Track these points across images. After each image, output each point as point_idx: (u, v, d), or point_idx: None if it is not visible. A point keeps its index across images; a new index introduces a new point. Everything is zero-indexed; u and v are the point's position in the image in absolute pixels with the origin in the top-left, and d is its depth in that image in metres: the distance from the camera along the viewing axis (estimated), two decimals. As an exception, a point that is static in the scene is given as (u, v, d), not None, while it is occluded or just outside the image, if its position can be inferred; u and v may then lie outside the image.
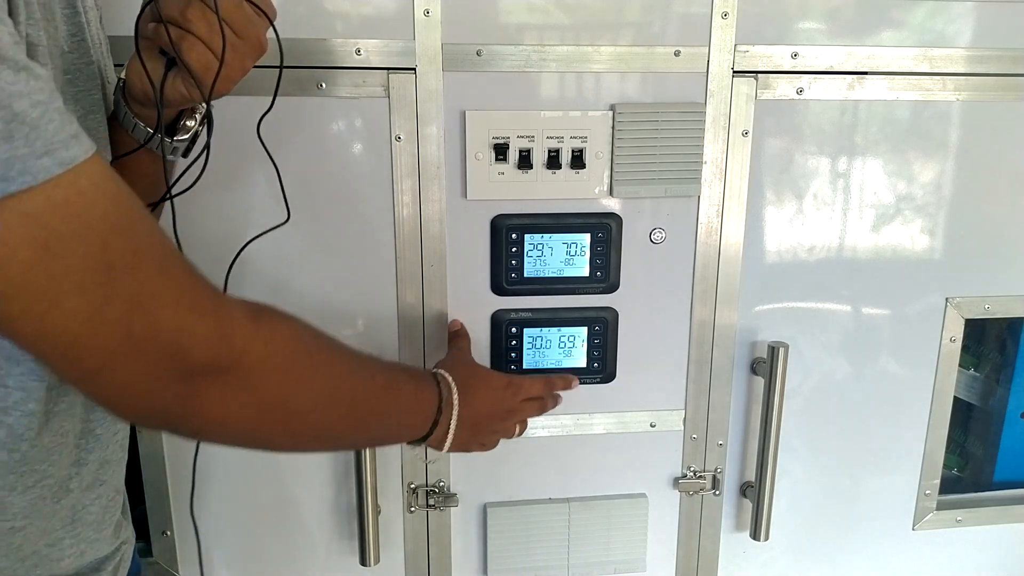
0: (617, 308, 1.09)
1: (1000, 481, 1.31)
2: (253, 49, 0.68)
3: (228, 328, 0.57)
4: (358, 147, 1.01)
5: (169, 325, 0.53)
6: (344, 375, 0.69)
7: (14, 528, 0.63)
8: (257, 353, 0.59)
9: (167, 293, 0.53)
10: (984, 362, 1.29)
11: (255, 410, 0.61)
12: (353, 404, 0.70)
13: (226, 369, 0.57)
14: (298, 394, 0.63)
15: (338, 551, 1.15)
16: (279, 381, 0.61)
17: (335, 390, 0.68)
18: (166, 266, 0.54)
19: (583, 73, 1.01)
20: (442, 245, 1.04)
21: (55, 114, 0.48)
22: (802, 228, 1.11)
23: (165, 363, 0.54)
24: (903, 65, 1.06)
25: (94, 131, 0.66)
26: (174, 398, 0.56)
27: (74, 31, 0.64)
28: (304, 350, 0.64)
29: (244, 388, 0.59)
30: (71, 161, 0.48)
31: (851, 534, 1.26)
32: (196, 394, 0.56)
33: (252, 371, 0.59)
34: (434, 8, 0.96)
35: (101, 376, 0.53)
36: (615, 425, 1.15)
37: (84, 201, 0.49)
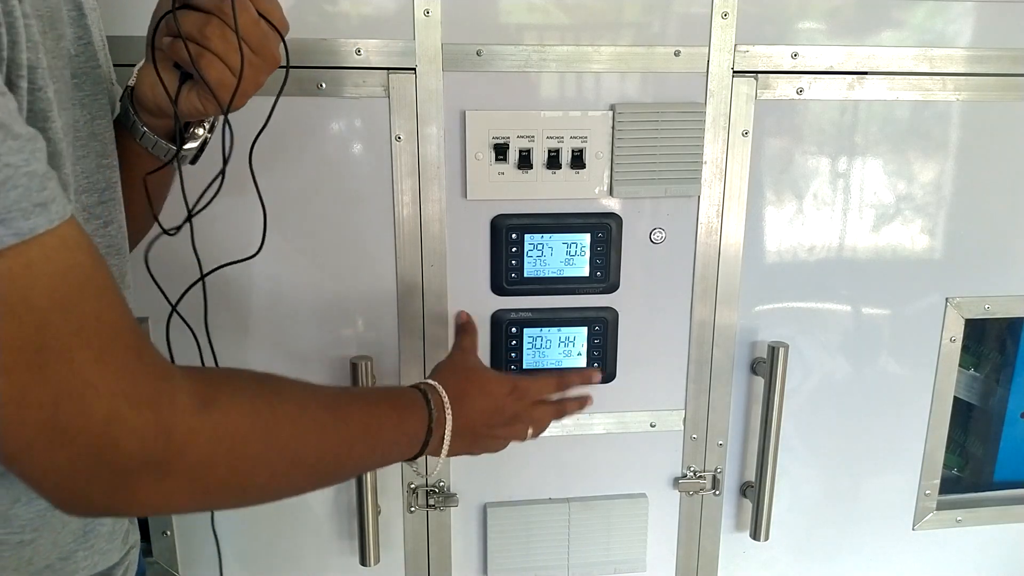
0: (617, 308, 1.09)
1: (1000, 481, 1.31)
2: (268, 64, 0.68)
3: (169, 420, 0.52)
4: (358, 147, 1.01)
5: (100, 417, 0.49)
6: (309, 435, 0.64)
7: (23, 541, 0.62)
8: (201, 445, 0.54)
9: (103, 382, 0.49)
10: (984, 362, 1.29)
11: (201, 494, 0.56)
12: (319, 460, 0.66)
13: (163, 463, 0.52)
14: (253, 472, 0.59)
15: (338, 551, 1.15)
16: (229, 466, 0.57)
17: (297, 454, 0.63)
18: (109, 351, 0.50)
19: (583, 73, 1.01)
20: (442, 245, 1.04)
21: (23, 179, 0.45)
22: (802, 228, 1.11)
23: (92, 456, 0.49)
24: (903, 65, 1.06)
25: (101, 136, 0.66)
26: (103, 490, 0.51)
27: (80, 34, 0.63)
28: (261, 426, 0.59)
29: (185, 479, 0.54)
30: (29, 232, 0.45)
31: (851, 534, 1.26)
32: (128, 487, 0.52)
33: (195, 463, 0.54)
34: (434, 8, 0.96)
35: (21, 462, 0.49)
36: (615, 425, 1.15)
37: (29, 275, 0.46)
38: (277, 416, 0.61)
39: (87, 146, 0.63)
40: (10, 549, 0.61)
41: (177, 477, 0.53)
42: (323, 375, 1.07)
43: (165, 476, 0.53)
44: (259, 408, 0.60)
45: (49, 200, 0.47)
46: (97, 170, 0.65)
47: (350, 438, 0.69)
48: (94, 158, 0.64)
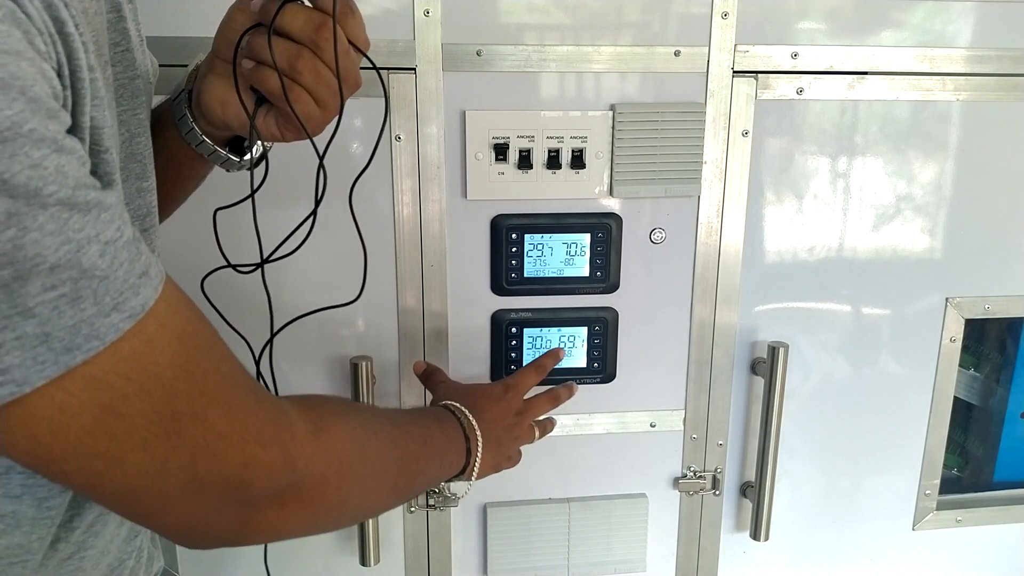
0: (617, 308, 1.09)
1: (1000, 481, 1.31)
2: (350, 90, 0.66)
3: (292, 451, 0.54)
4: (358, 147, 1.01)
5: (235, 464, 0.50)
6: (390, 451, 0.67)
7: None
8: (318, 468, 0.56)
9: (234, 431, 0.50)
10: (984, 362, 1.29)
11: (311, 518, 0.58)
12: (399, 476, 0.69)
13: (287, 490, 0.54)
14: (352, 490, 0.61)
15: (338, 551, 1.15)
16: (337, 488, 0.59)
17: (384, 471, 0.66)
18: (234, 400, 0.51)
19: (583, 73, 1.01)
20: (442, 245, 1.04)
21: (124, 253, 0.43)
22: (802, 228, 1.11)
23: (228, 499, 0.51)
24: (903, 65, 1.06)
25: (140, 156, 0.60)
26: (231, 525, 0.53)
27: (118, 40, 0.57)
28: (359, 445, 0.62)
29: (302, 502, 0.56)
30: (141, 309, 0.44)
31: (851, 534, 1.26)
32: (253, 518, 0.54)
33: (311, 485, 0.56)
34: (434, 8, 0.96)
35: (158, 516, 0.50)
36: (615, 425, 1.15)
37: (151, 351, 0.45)
38: (368, 435, 0.64)
39: (127, 168, 0.58)
40: None
41: (296, 503, 0.55)
42: (323, 375, 1.07)
43: (286, 502, 0.54)
44: (356, 430, 0.62)
45: (148, 266, 0.45)
46: (137, 195, 0.60)
47: (416, 450, 0.71)
48: (134, 181, 0.59)
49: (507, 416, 0.89)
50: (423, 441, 0.73)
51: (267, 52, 0.61)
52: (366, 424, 0.65)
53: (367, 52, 0.68)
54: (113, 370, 0.43)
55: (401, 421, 0.73)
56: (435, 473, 0.79)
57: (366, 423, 0.65)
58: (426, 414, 0.82)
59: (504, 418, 0.88)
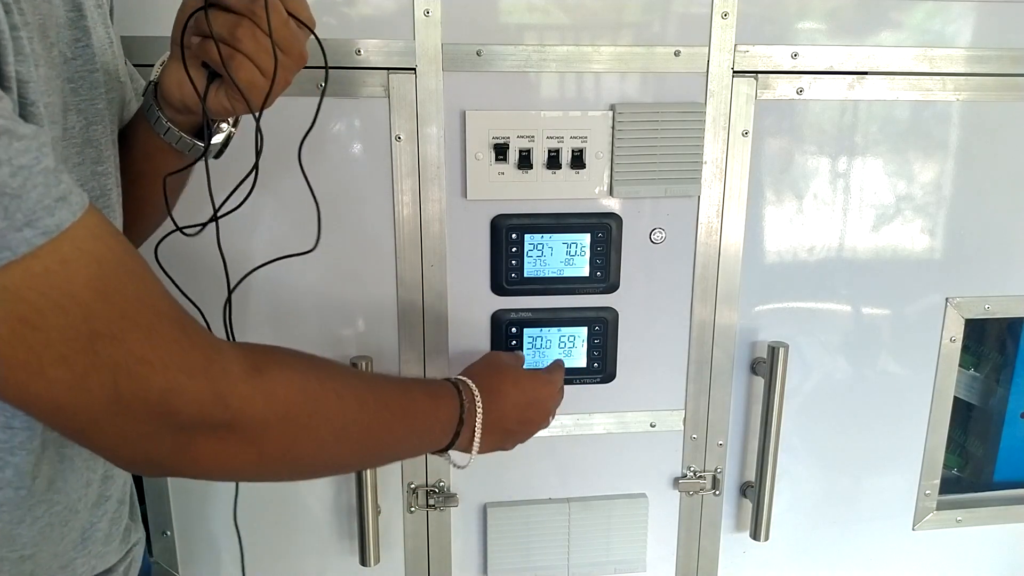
0: (617, 308, 1.09)
1: (1000, 481, 1.31)
2: (296, 63, 0.68)
3: (223, 386, 0.55)
4: (358, 147, 1.01)
5: (158, 388, 0.52)
6: (353, 410, 0.67)
7: (23, 556, 0.63)
8: (256, 411, 0.57)
9: (156, 356, 0.51)
10: (984, 362, 1.29)
11: (256, 460, 0.59)
12: (364, 437, 0.68)
13: (221, 426, 0.55)
14: (303, 442, 0.62)
15: (338, 551, 1.15)
16: (282, 434, 0.59)
17: (344, 430, 0.66)
18: (157, 327, 0.52)
19: (583, 73, 1.01)
20: (442, 245, 1.04)
21: (40, 177, 0.46)
22: (802, 228, 1.11)
23: (155, 422, 0.52)
24: (903, 65, 1.06)
25: (96, 142, 0.65)
26: (168, 451, 0.55)
27: (79, 36, 0.63)
28: (310, 399, 0.62)
29: (243, 443, 0.57)
30: (56, 228, 0.46)
31: (851, 534, 1.26)
32: (191, 446, 0.55)
33: (251, 428, 0.57)
34: (434, 8, 0.96)
35: (90, 433, 0.52)
36: (615, 425, 1.15)
37: (66, 271, 0.47)
38: (324, 389, 0.64)
39: (82, 152, 0.63)
40: (11, 564, 0.62)
41: (235, 440, 0.56)
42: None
43: (224, 438, 0.56)
44: (307, 379, 0.62)
45: (67, 193, 0.48)
46: (92, 177, 0.64)
47: (390, 418, 0.71)
48: (88, 165, 0.64)
49: (532, 409, 0.89)
50: (403, 414, 0.73)
51: (215, 27, 0.64)
52: (326, 381, 0.65)
53: (312, 28, 0.70)
54: (26, 284, 0.46)
55: (382, 388, 0.73)
56: (413, 446, 0.79)
57: (327, 380, 0.65)
58: (420, 388, 0.80)
59: (526, 410, 0.88)
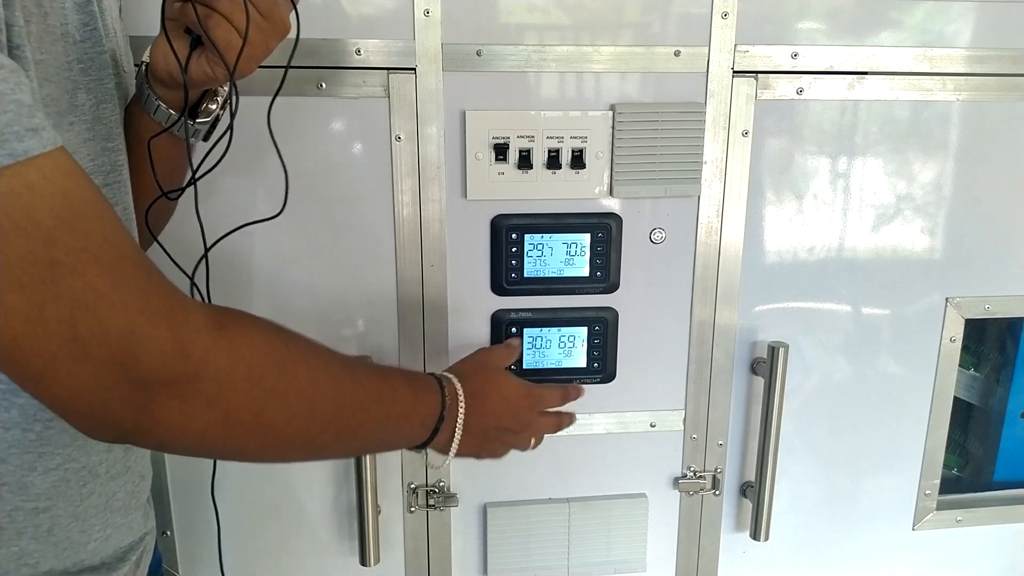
0: (617, 308, 1.09)
1: (1000, 481, 1.31)
2: (277, 30, 0.69)
3: (185, 336, 0.54)
4: (358, 147, 1.01)
5: (118, 329, 0.50)
6: (325, 384, 0.65)
7: (38, 508, 0.63)
8: (219, 364, 0.55)
9: (116, 295, 0.50)
10: (984, 362, 1.29)
11: (221, 423, 0.57)
12: (336, 415, 0.66)
13: (184, 380, 0.54)
14: (270, 406, 0.60)
15: (338, 551, 1.15)
16: (247, 394, 0.57)
17: (314, 401, 0.63)
18: (119, 267, 0.51)
19: (583, 73, 1.01)
20: (442, 245, 1.04)
21: (11, 105, 0.47)
22: (802, 228, 1.11)
23: (114, 370, 0.51)
24: (903, 65, 1.06)
25: (106, 120, 0.67)
26: (128, 408, 0.53)
27: (87, 20, 0.65)
28: (277, 359, 0.60)
29: (206, 401, 0.55)
30: (23, 153, 0.47)
31: (851, 534, 1.26)
32: (152, 405, 0.53)
33: (215, 384, 0.55)
34: (434, 8, 0.96)
35: (46, 380, 0.51)
36: (615, 425, 1.15)
37: (31, 195, 0.47)
38: (293, 356, 0.62)
39: (92, 129, 0.64)
40: (25, 515, 0.63)
41: (196, 397, 0.55)
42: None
43: (185, 396, 0.54)
44: (274, 343, 0.61)
45: (40, 127, 0.48)
46: (102, 153, 0.66)
47: (365, 400, 0.69)
48: (99, 141, 0.65)
49: (508, 419, 0.86)
50: (379, 398, 0.71)
51: None
52: (295, 349, 0.63)
53: (297, 2, 0.70)
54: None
55: (358, 369, 0.71)
56: (390, 435, 0.75)
57: (296, 348, 0.63)
58: (401, 377, 0.77)
59: (503, 419, 0.85)
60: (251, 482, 1.10)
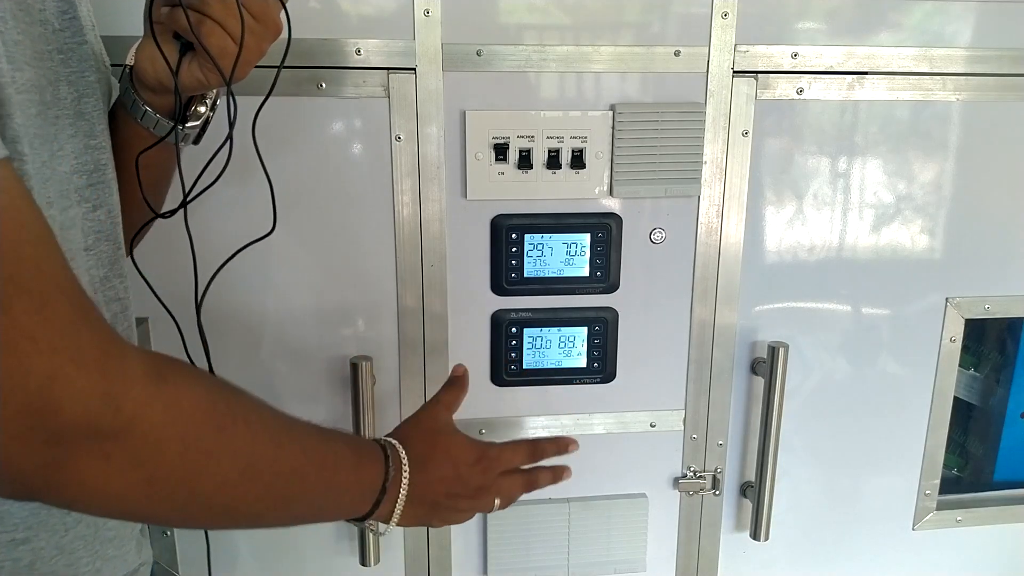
0: (617, 308, 1.09)
1: (1000, 481, 1.31)
2: (270, 31, 0.67)
3: (117, 387, 0.47)
4: (358, 147, 1.01)
5: (39, 373, 0.44)
6: (265, 448, 0.58)
7: (15, 540, 0.58)
8: (152, 421, 0.49)
9: (44, 336, 0.44)
10: (984, 362, 1.29)
11: (144, 486, 0.50)
12: (272, 483, 0.59)
13: (109, 436, 0.47)
14: (203, 471, 0.53)
15: (338, 551, 1.15)
16: (178, 455, 0.51)
17: (251, 467, 0.57)
18: (50, 303, 0.45)
19: (583, 73, 1.01)
20: (442, 245, 1.04)
21: None
22: (802, 228, 1.11)
23: (29, 419, 0.44)
24: (903, 65, 1.06)
25: (88, 115, 0.63)
26: (38, 464, 0.46)
27: (65, 8, 0.61)
28: (216, 418, 0.54)
29: (131, 461, 0.48)
30: None
31: (851, 534, 1.26)
32: (68, 462, 0.46)
33: (144, 442, 0.48)
34: (434, 8, 0.96)
35: None
36: (615, 425, 1.15)
37: None
38: (234, 415, 0.56)
39: (75, 125, 0.61)
40: (3, 548, 0.58)
41: (121, 456, 0.48)
42: (323, 375, 1.07)
43: (108, 454, 0.47)
44: (215, 400, 0.55)
45: None
46: (85, 151, 0.63)
47: (305, 464, 0.62)
48: (82, 138, 0.62)
49: (458, 485, 0.77)
50: (321, 464, 0.64)
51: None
52: (236, 406, 0.57)
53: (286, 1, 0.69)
54: None
55: (300, 431, 0.64)
56: (329, 505, 0.68)
57: (238, 405, 0.58)
58: (344, 442, 0.70)
59: (453, 485, 0.76)
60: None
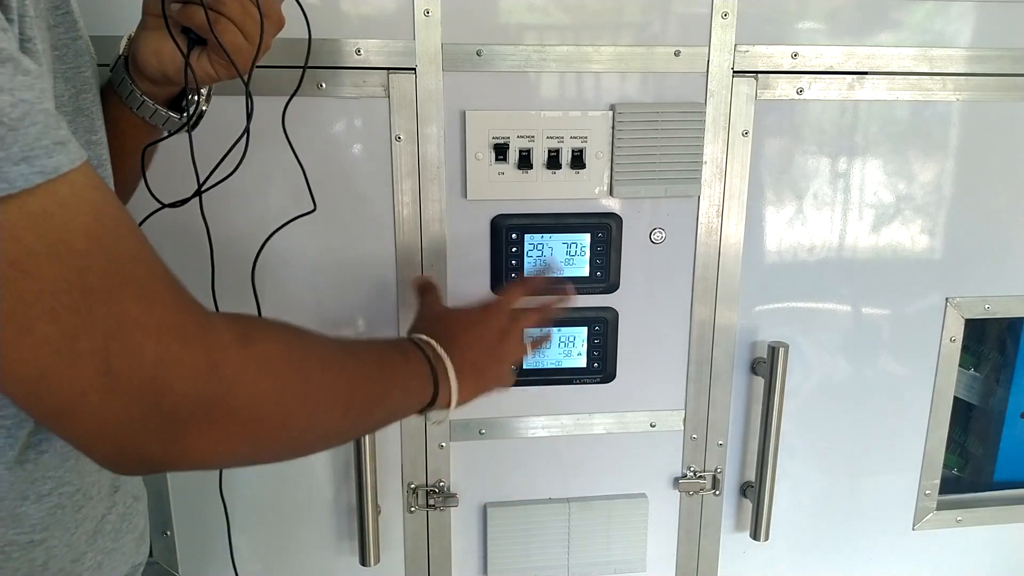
0: (617, 308, 1.09)
1: (1000, 481, 1.31)
2: (276, 26, 0.69)
3: (218, 357, 0.51)
4: (358, 147, 1.01)
5: (152, 357, 0.47)
6: (337, 373, 0.64)
7: (33, 541, 0.59)
8: (248, 384, 0.53)
9: (150, 321, 0.47)
10: (984, 362, 1.29)
11: (251, 441, 0.56)
12: (352, 398, 0.65)
13: (215, 402, 0.51)
14: (295, 413, 0.58)
15: (338, 551, 1.15)
16: (274, 406, 0.56)
17: (331, 393, 0.62)
18: (151, 290, 0.49)
19: (583, 73, 1.01)
20: (442, 245, 1.04)
21: (40, 116, 0.44)
22: (802, 228, 1.11)
23: (147, 401, 0.48)
24: (903, 65, 1.06)
25: (87, 111, 0.64)
26: (158, 439, 0.50)
27: (58, 4, 0.62)
28: (296, 363, 0.59)
29: (236, 421, 0.53)
30: (54, 170, 0.44)
31: (851, 534, 1.26)
32: (183, 436, 0.50)
33: (246, 401, 0.53)
34: (434, 8, 0.96)
35: (73, 416, 0.47)
36: (615, 425, 1.15)
37: (64, 214, 0.44)
38: (307, 353, 0.61)
39: (74, 122, 0.63)
40: (20, 550, 0.59)
41: (228, 419, 0.52)
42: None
43: (217, 419, 0.52)
44: (291, 345, 0.60)
45: (67, 140, 0.45)
46: (87, 147, 0.64)
47: (370, 374, 0.68)
48: (82, 134, 0.63)
49: (486, 338, 0.83)
50: (379, 366, 0.70)
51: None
52: (304, 344, 0.62)
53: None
54: (22, 223, 0.43)
55: (352, 347, 0.71)
56: (399, 400, 0.74)
57: (304, 344, 0.62)
58: (385, 345, 0.77)
59: (482, 340, 0.83)
60: (251, 482, 1.10)
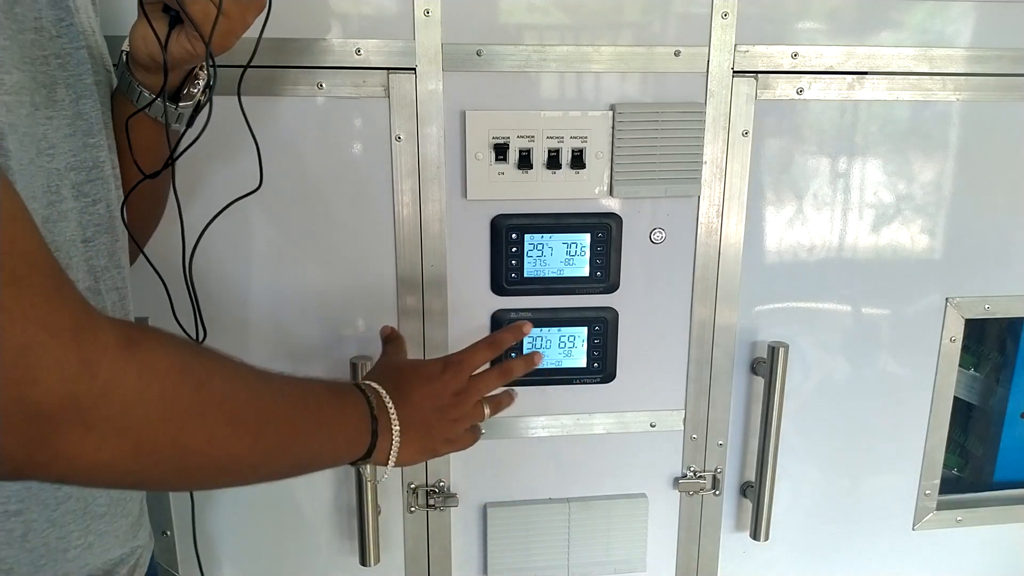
0: (617, 308, 1.09)
1: (1000, 481, 1.31)
2: (254, 3, 0.69)
3: (91, 354, 0.47)
4: (358, 147, 1.01)
5: (14, 344, 0.43)
6: (246, 398, 0.59)
7: (8, 512, 0.61)
8: (128, 386, 0.49)
9: (17, 306, 0.44)
10: (984, 362, 1.29)
11: (131, 453, 0.50)
12: (262, 429, 0.60)
13: (88, 405, 0.47)
14: (188, 428, 0.53)
15: (338, 551, 1.15)
16: (160, 417, 0.51)
17: (235, 418, 0.58)
18: (24, 276, 0.45)
19: (583, 73, 1.01)
20: (442, 245, 1.04)
21: None
22: (802, 228, 1.11)
23: (10, 390, 0.44)
24: (903, 65, 1.06)
25: (87, 115, 0.68)
26: (21, 440, 0.45)
27: (62, 15, 0.66)
28: (192, 377, 0.54)
29: (114, 429, 0.48)
30: None
31: (851, 534, 1.26)
32: (51, 437, 0.46)
33: (124, 408, 0.49)
34: (434, 8, 0.96)
35: None
36: (615, 425, 1.15)
37: None
38: (209, 370, 0.56)
39: (73, 124, 0.66)
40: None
41: (104, 425, 0.48)
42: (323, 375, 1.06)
43: (91, 424, 0.47)
44: (189, 359, 0.55)
45: None
46: (84, 148, 0.67)
47: (288, 407, 0.64)
48: (80, 137, 0.67)
49: (441, 397, 0.81)
50: (302, 403, 0.66)
51: None
52: (206, 363, 0.57)
53: None
54: None
55: (276, 379, 0.65)
56: (323, 444, 0.70)
57: (207, 362, 0.58)
58: (321, 385, 0.72)
59: (436, 399, 0.81)
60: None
